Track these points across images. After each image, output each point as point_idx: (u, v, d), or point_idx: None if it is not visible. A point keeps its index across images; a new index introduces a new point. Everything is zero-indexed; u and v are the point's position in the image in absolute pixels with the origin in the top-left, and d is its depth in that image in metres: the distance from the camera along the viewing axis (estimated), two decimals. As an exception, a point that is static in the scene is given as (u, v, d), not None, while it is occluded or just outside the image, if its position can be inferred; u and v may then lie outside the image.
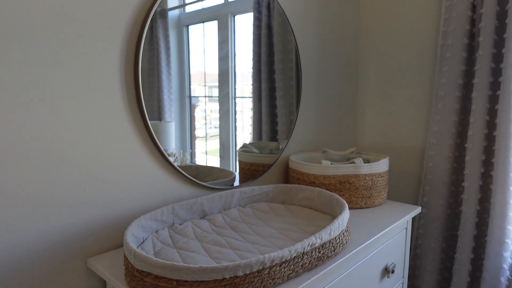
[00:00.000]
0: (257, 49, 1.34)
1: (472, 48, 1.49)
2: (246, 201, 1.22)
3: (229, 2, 1.22)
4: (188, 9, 1.12)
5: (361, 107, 1.91)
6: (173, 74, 1.10)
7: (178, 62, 1.11)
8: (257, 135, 1.38)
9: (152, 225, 0.97)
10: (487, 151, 1.47)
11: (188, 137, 1.16)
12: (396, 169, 1.82)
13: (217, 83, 1.22)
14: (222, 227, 1.06)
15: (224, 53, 1.22)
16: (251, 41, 1.31)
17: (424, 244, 1.66)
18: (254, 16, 1.31)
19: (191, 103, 1.16)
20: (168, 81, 1.09)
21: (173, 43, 1.09)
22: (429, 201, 1.63)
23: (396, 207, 1.34)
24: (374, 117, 1.86)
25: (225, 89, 1.24)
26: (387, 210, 1.31)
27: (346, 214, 0.98)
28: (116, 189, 0.98)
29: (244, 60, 1.29)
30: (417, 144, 1.74)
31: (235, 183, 1.30)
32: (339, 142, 1.82)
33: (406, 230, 1.32)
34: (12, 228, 0.81)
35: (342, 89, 1.79)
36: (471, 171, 1.48)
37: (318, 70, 1.63)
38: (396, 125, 1.79)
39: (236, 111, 1.29)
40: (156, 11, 1.03)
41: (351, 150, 1.52)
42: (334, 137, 1.78)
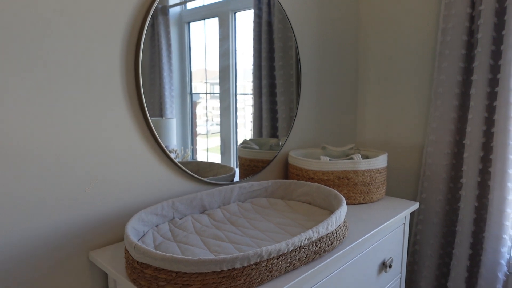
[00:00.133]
0: (257, 46, 1.35)
1: (471, 45, 1.49)
2: (245, 197, 1.24)
3: (229, -1, 1.23)
4: (189, 6, 1.13)
5: (361, 103, 1.92)
6: (175, 71, 1.11)
7: (179, 59, 1.12)
8: (258, 132, 1.40)
9: (152, 219, 0.99)
10: (485, 148, 1.48)
11: (189, 134, 1.17)
12: (395, 166, 1.83)
13: (218, 80, 1.23)
14: (221, 222, 1.08)
15: (225, 50, 1.23)
16: (252, 38, 1.32)
17: (422, 240, 1.67)
18: (254, 13, 1.32)
19: (192, 100, 1.17)
20: (169, 78, 1.10)
21: (174, 40, 1.10)
22: (427, 197, 1.64)
23: (394, 202, 1.36)
24: (373, 114, 1.87)
25: (225, 85, 1.25)
26: (385, 205, 1.32)
27: (343, 209, 0.99)
28: (117, 185, 1.00)
29: (244, 57, 1.30)
30: (416, 140, 1.75)
31: (235, 179, 1.31)
32: (339, 138, 1.83)
33: (404, 225, 1.33)
34: (16, 222, 0.83)
35: (341, 86, 1.80)
36: (470, 167, 1.49)
37: (317, 66, 1.64)
38: (395, 122, 1.80)
39: (237, 108, 1.30)
40: (157, 8, 1.04)
41: (350, 146, 1.53)
42: (333, 134, 1.79)
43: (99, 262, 0.91)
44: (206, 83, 1.19)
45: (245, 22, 1.29)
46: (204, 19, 1.17)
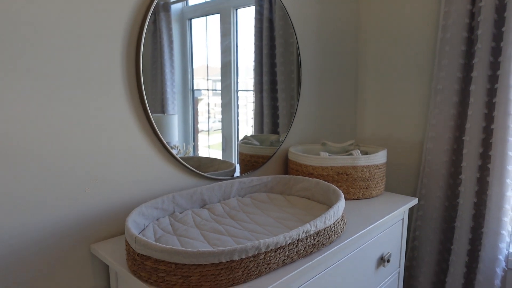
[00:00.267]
0: (258, 42, 1.35)
1: (471, 41, 1.50)
2: (245, 191, 1.25)
3: (230, -5, 1.24)
4: (191, 3, 1.13)
5: (361, 100, 1.92)
6: (176, 67, 1.12)
7: (181, 55, 1.13)
8: (259, 128, 1.41)
9: (153, 213, 1.00)
10: (484, 144, 1.48)
11: (191, 130, 1.18)
12: (395, 162, 1.84)
13: (220, 77, 1.24)
14: (221, 216, 1.09)
15: (226, 46, 1.24)
16: (253, 34, 1.33)
17: (422, 235, 1.68)
18: (255, 9, 1.33)
19: (193, 97, 1.18)
20: (171, 74, 1.11)
21: (176, 36, 1.11)
22: (427, 194, 1.65)
23: (393, 198, 1.37)
24: (373, 110, 1.88)
25: (227, 81, 1.26)
26: (384, 201, 1.33)
27: (341, 203, 1.00)
28: (118, 180, 1.01)
29: (246, 53, 1.31)
30: (416, 137, 1.75)
31: (236, 174, 1.32)
32: (339, 135, 1.84)
33: (402, 220, 1.34)
34: (20, 217, 0.85)
35: (341, 82, 1.81)
36: (469, 164, 1.49)
37: (318, 63, 1.64)
38: (395, 118, 1.81)
39: (238, 105, 1.31)
40: (159, 5, 1.05)
41: (350, 142, 1.54)
42: (333, 130, 1.80)
43: (101, 254, 0.92)
44: (207, 79, 1.20)
45: (246, 18, 1.30)
46: (205, 16, 1.18)
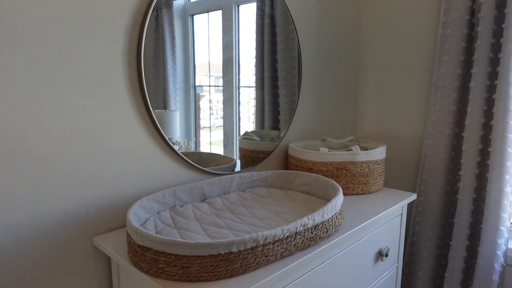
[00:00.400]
0: (260, 39, 1.36)
1: (471, 38, 1.50)
2: (245, 186, 1.26)
3: (230, -8, 1.25)
4: (193, -1, 1.14)
5: (361, 96, 1.93)
6: (178, 63, 1.13)
7: (183, 51, 1.14)
8: (260, 124, 1.42)
9: (154, 206, 1.02)
10: (484, 141, 1.49)
11: (192, 126, 1.19)
12: (394, 158, 1.85)
13: (222, 74, 1.25)
14: (221, 210, 1.11)
15: (228, 42, 1.25)
16: (254, 30, 1.34)
17: (421, 231, 1.69)
18: (257, 5, 1.34)
19: (195, 93, 1.19)
20: (173, 71, 1.12)
21: (178, 32, 1.12)
22: (426, 189, 1.66)
23: (391, 193, 1.38)
24: (373, 106, 1.89)
25: (228, 76, 1.27)
26: (382, 196, 1.35)
27: (339, 198, 1.02)
28: (121, 174, 1.03)
29: (247, 50, 1.32)
30: (415, 133, 1.76)
31: (236, 169, 1.34)
32: (339, 131, 1.85)
33: (401, 216, 1.35)
34: (23, 209, 0.87)
35: (342, 78, 1.82)
36: (468, 160, 1.50)
37: (318, 59, 1.65)
38: (395, 114, 1.82)
39: (240, 102, 1.32)
40: (161, 1, 1.06)
41: (349, 138, 1.55)
42: (334, 126, 1.81)
43: (103, 246, 0.94)
44: (209, 76, 1.21)
45: (248, 14, 1.31)
46: (207, 12, 1.19)
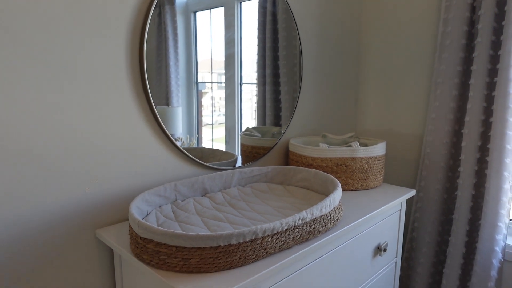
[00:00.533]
0: (261, 36, 1.37)
1: (471, 35, 1.51)
2: (246, 181, 1.28)
3: (232, -11, 1.26)
4: (195, -5, 1.15)
5: (362, 93, 1.94)
6: (181, 60, 1.14)
7: (185, 48, 1.15)
8: (261, 120, 1.43)
9: (155, 200, 1.04)
10: (483, 137, 1.50)
11: (195, 123, 1.21)
12: (394, 155, 1.86)
13: (224, 71, 1.26)
14: (221, 204, 1.12)
15: (230, 39, 1.26)
16: (256, 27, 1.35)
17: (420, 227, 1.70)
18: (259, 3, 1.35)
19: (198, 89, 1.20)
20: (175, 67, 1.13)
21: (180, 29, 1.13)
22: (426, 186, 1.67)
23: (390, 189, 1.39)
24: (374, 103, 1.90)
25: (229, 72, 1.28)
26: (382, 192, 1.36)
27: (338, 192, 1.03)
28: (124, 169, 1.05)
29: (249, 46, 1.33)
30: (415, 130, 1.77)
31: (237, 165, 1.35)
32: (339, 127, 1.86)
33: (400, 211, 1.37)
34: (27, 202, 0.89)
35: (342, 75, 1.83)
36: (467, 156, 1.51)
37: (319, 56, 1.66)
38: (395, 111, 1.83)
39: (241, 99, 1.33)
40: (163, -3, 1.07)
41: (350, 134, 1.56)
42: (334, 123, 1.82)
43: (106, 239, 0.96)
44: (212, 73, 1.22)
45: (250, 12, 1.32)
46: (210, 9, 1.20)
